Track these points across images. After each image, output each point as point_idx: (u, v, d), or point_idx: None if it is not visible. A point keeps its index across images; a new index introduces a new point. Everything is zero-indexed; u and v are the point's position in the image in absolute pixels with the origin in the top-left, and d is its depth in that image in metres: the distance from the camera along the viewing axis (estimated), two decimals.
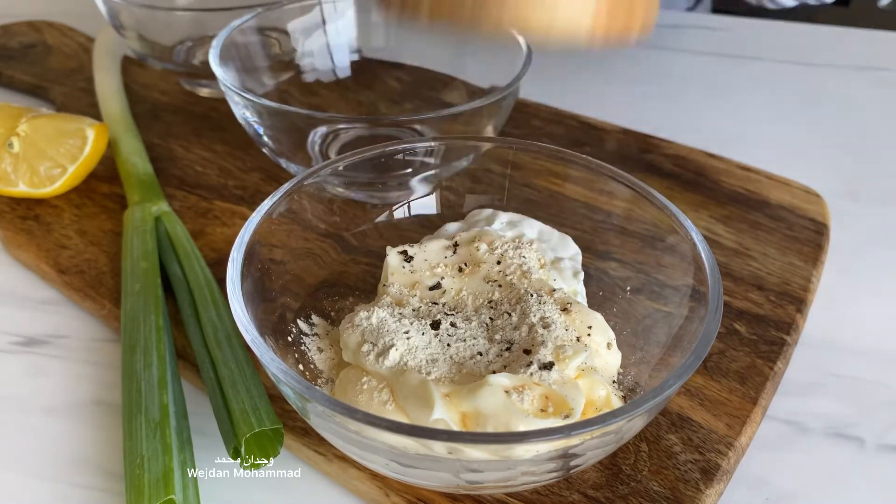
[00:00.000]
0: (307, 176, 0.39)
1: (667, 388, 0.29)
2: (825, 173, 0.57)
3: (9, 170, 0.51)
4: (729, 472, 0.36)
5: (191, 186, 0.54)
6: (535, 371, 0.32)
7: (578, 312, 0.35)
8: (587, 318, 0.35)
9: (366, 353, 0.34)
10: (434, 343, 0.35)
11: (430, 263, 0.39)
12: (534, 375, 0.32)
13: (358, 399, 0.33)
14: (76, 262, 0.48)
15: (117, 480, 0.37)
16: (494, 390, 0.31)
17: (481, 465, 0.30)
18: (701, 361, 0.30)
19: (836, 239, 0.50)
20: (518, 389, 0.31)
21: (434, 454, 0.29)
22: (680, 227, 0.36)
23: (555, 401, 0.31)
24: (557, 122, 0.61)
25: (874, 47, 0.74)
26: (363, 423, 0.28)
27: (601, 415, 0.28)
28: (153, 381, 0.37)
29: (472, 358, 0.34)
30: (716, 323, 0.32)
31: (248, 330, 0.31)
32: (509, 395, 0.31)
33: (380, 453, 0.30)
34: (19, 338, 0.45)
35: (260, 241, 0.36)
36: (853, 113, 0.66)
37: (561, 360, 0.33)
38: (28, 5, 0.79)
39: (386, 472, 0.32)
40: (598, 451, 0.31)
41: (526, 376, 0.32)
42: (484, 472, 0.31)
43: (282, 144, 0.48)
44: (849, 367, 0.43)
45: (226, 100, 0.50)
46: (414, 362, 0.34)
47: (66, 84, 0.66)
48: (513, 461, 0.29)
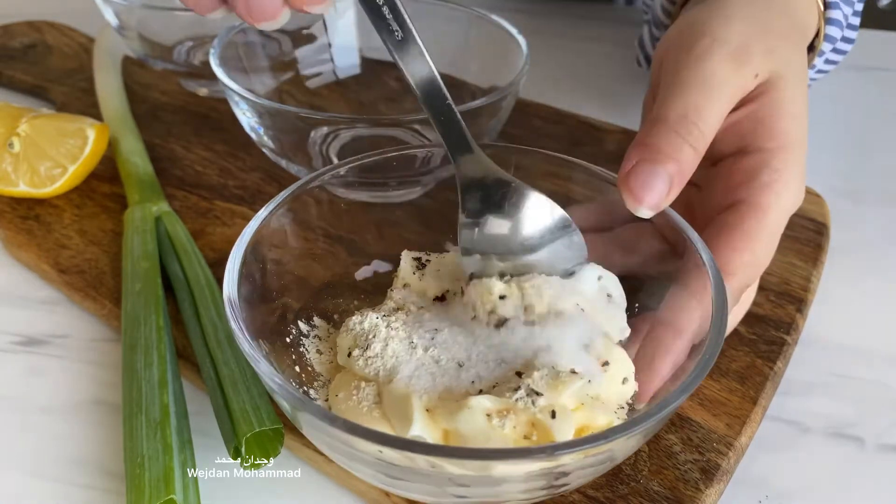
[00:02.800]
0: (307, 182, 0.39)
1: (651, 416, 0.28)
2: (825, 173, 0.57)
3: (9, 170, 0.51)
4: (729, 472, 0.36)
5: (191, 186, 0.54)
6: (521, 397, 0.31)
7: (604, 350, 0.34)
8: (605, 354, 0.34)
9: (355, 358, 0.34)
10: (425, 354, 0.34)
11: (442, 274, 0.38)
12: (519, 402, 0.31)
13: (347, 404, 0.33)
14: (76, 261, 0.48)
15: (117, 480, 0.37)
16: (474, 413, 0.30)
17: (466, 479, 0.29)
18: (690, 392, 0.29)
19: (836, 239, 0.50)
20: (501, 413, 0.30)
21: (417, 467, 0.28)
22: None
23: (540, 430, 0.30)
24: (557, 122, 0.61)
25: (874, 47, 0.74)
26: (341, 429, 0.27)
27: (580, 438, 0.27)
28: (153, 380, 0.37)
29: (463, 371, 0.33)
30: (711, 361, 0.30)
31: (235, 319, 0.31)
32: (490, 419, 0.30)
33: (366, 464, 0.30)
34: (19, 338, 0.45)
35: (259, 242, 0.36)
36: (853, 113, 0.66)
37: (552, 387, 0.31)
38: (28, 5, 0.79)
39: (377, 484, 0.32)
40: (589, 471, 0.30)
41: (511, 401, 0.31)
42: (470, 487, 0.30)
43: (282, 144, 0.48)
44: (849, 367, 0.43)
45: (226, 100, 0.50)
46: (403, 372, 0.33)
47: (66, 84, 0.66)
48: (497, 478, 0.29)
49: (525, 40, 0.51)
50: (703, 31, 0.40)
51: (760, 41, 0.39)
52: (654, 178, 0.35)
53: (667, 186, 0.35)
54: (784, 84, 0.39)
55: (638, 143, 0.36)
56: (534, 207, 0.36)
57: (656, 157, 0.35)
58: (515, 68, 0.49)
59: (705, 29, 0.40)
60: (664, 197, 0.35)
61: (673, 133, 0.36)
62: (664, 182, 0.35)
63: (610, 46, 0.75)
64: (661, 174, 0.35)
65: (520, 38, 0.52)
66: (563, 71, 0.71)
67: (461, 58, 0.56)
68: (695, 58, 0.39)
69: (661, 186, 0.35)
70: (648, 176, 0.35)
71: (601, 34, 0.77)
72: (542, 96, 0.62)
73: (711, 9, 0.42)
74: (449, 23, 0.56)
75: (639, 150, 0.36)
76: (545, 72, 0.68)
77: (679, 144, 0.36)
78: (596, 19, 0.80)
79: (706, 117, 0.37)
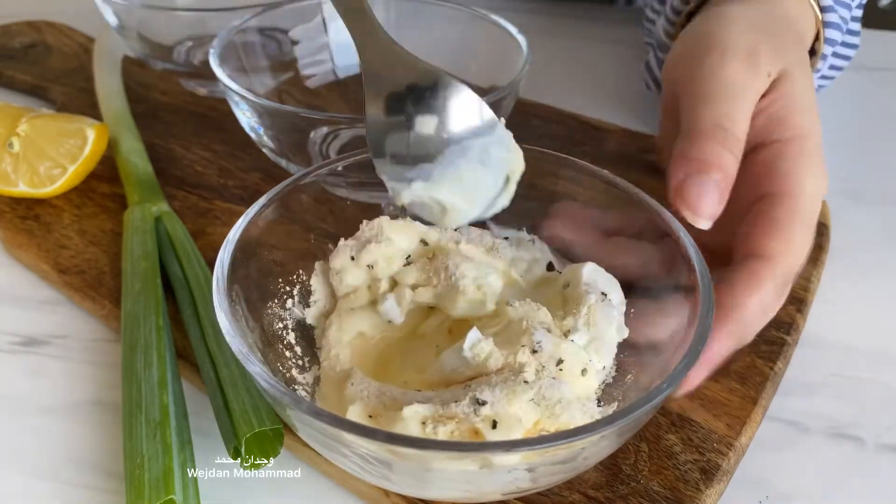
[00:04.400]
0: (295, 180, 0.39)
1: (596, 428, 0.28)
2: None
3: (9, 170, 0.51)
4: (729, 472, 0.36)
5: (191, 186, 0.54)
6: (465, 406, 0.31)
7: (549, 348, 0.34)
8: (557, 353, 0.34)
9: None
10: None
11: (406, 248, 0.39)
12: (460, 409, 0.31)
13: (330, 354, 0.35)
14: (76, 262, 0.48)
15: (117, 480, 0.37)
16: (407, 424, 0.30)
17: (430, 473, 0.29)
18: (660, 398, 0.29)
19: (836, 239, 0.50)
20: (437, 421, 0.30)
21: (383, 456, 0.29)
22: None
23: (481, 439, 0.30)
24: (557, 122, 0.61)
25: (874, 47, 0.74)
26: (301, 410, 0.28)
27: (514, 440, 0.28)
28: (153, 381, 0.37)
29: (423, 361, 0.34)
30: (683, 372, 0.30)
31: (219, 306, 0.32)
32: (425, 427, 0.30)
33: (338, 452, 0.30)
34: (19, 338, 0.45)
35: (251, 240, 0.36)
36: (853, 113, 0.66)
37: (503, 399, 0.31)
38: (28, 5, 0.79)
39: (359, 474, 0.32)
40: (554, 468, 0.30)
41: (452, 409, 0.31)
42: (434, 482, 0.30)
43: (282, 144, 0.48)
44: (849, 367, 0.43)
45: (226, 100, 0.50)
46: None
47: (66, 84, 0.66)
48: (463, 472, 0.29)
49: (525, 40, 0.51)
50: (710, 43, 0.41)
51: (767, 43, 0.41)
52: (705, 188, 0.36)
53: (718, 194, 0.37)
54: (791, 80, 0.41)
55: (681, 158, 0.37)
56: (462, 104, 0.36)
57: (702, 168, 0.37)
58: (515, 68, 0.49)
59: (712, 41, 0.41)
60: (717, 204, 0.37)
61: (712, 142, 0.37)
62: (715, 190, 0.36)
63: (610, 46, 0.75)
64: (710, 183, 0.36)
65: (520, 38, 0.52)
66: (563, 71, 0.71)
67: (461, 58, 0.56)
68: (709, 69, 0.40)
69: (713, 195, 0.36)
70: (700, 187, 0.36)
71: (601, 34, 0.77)
72: (542, 96, 0.62)
73: (712, 22, 0.43)
74: (449, 23, 0.56)
75: (683, 164, 0.37)
76: (545, 72, 0.68)
77: (720, 152, 0.37)
78: (596, 19, 0.80)
79: (738, 122, 0.38)
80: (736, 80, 0.39)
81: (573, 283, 0.37)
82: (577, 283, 0.37)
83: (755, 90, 0.40)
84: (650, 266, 0.38)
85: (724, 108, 0.39)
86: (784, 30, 0.44)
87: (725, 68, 0.40)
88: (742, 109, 0.39)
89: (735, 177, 0.37)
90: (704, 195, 0.36)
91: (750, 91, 0.39)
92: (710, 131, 0.38)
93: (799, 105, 0.40)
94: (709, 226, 0.36)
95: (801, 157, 0.39)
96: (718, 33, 0.42)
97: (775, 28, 0.43)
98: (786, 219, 0.37)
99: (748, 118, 0.39)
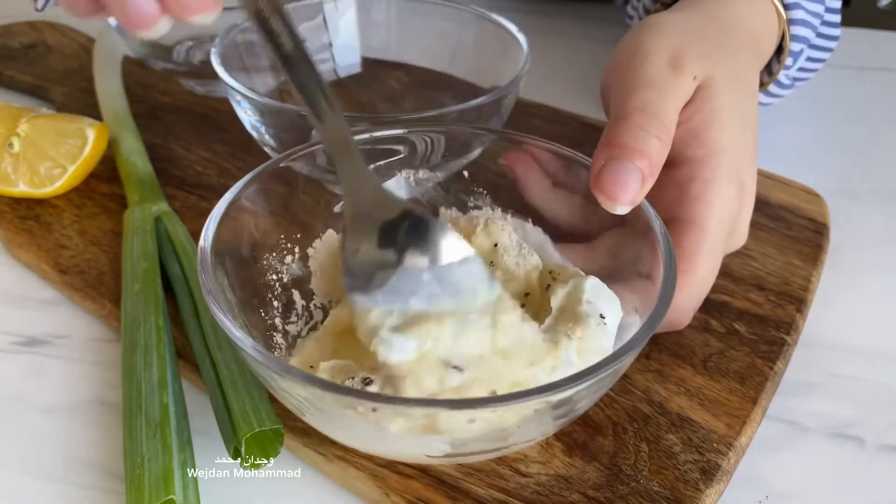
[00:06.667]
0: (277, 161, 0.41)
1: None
2: (825, 173, 0.57)
3: (9, 170, 0.51)
4: (729, 472, 0.36)
5: (191, 186, 0.54)
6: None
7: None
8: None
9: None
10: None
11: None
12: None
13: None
14: (76, 262, 0.48)
15: (117, 480, 0.37)
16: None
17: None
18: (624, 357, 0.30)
19: (836, 239, 0.50)
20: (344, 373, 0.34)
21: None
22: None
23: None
24: (557, 122, 0.61)
25: (874, 47, 0.74)
26: (275, 369, 0.30)
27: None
28: (153, 381, 0.37)
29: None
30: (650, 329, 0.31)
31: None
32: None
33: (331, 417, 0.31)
34: (19, 338, 0.45)
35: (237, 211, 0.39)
36: (853, 113, 0.66)
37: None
38: (28, 5, 0.79)
39: (352, 444, 0.33)
40: (531, 428, 0.32)
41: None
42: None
43: (283, 143, 0.48)
44: (849, 367, 0.43)
45: (226, 100, 0.50)
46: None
47: (66, 84, 0.66)
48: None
49: (526, 39, 0.51)
50: (636, 49, 0.41)
51: (692, 46, 0.40)
52: (624, 174, 0.36)
53: (639, 180, 0.36)
54: (714, 92, 0.40)
55: (603, 145, 0.37)
56: (448, 245, 0.35)
57: (623, 154, 0.36)
58: (516, 68, 0.49)
59: (638, 47, 0.41)
60: (638, 192, 0.36)
61: (635, 127, 0.37)
62: (636, 176, 0.36)
63: (610, 46, 0.74)
64: (631, 169, 0.36)
65: (520, 38, 0.52)
66: (563, 71, 0.71)
67: (461, 57, 0.56)
68: (633, 70, 0.40)
69: (633, 182, 0.36)
70: (619, 173, 0.36)
71: (601, 34, 0.77)
72: (542, 96, 0.62)
73: (643, 29, 0.43)
74: (449, 23, 0.56)
75: (605, 151, 0.37)
76: (545, 72, 0.68)
77: (643, 137, 0.36)
78: (596, 19, 0.79)
79: (662, 108, 0.37)
80: (660, 78, 0.39)
81: (573, 296, 0.36)
82: (578, 299, 0.36)
83: (680, 86, 0.39)
84: (586, 222, 0.39)
85: (648, 95, 0.38)
86: (719, 34, 0.43)
87: (648, 67, 0.39)
88: (667, 100, 0.38)
89: (662, 163, 0.37)
90: (623, 182, 0.35)
91: (675, 86, 0.39)
92: (632, 115, 0.37)
93: (717, 119, 0.39)
94: (626, 212, 0.36)
95: (714, 179, 0.38)
96: (645, 40, 0.41)
97: (707, 32, 0.42)
98: (692, 249, 0.38)
99: (676, 110, 0.38)
